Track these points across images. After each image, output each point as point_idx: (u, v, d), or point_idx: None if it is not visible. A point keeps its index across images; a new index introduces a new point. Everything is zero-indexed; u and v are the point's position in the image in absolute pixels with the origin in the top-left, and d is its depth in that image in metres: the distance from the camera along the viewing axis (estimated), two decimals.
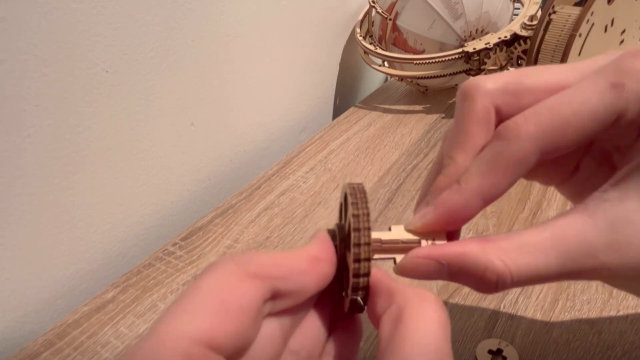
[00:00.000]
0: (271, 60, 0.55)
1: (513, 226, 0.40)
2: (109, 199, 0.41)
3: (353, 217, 0.17)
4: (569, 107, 0.16)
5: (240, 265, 0.15)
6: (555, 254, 0.16)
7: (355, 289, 0.17)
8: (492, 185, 0.17)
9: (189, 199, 0.50)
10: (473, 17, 0.56)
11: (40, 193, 0.35)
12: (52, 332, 0.34)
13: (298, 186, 0.48)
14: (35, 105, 0.33)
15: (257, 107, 0.56)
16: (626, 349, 0.29)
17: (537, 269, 0.16)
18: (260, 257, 0.16)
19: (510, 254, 0.16)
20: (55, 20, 0.33)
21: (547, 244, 0.16)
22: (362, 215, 0.17)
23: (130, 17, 0.38)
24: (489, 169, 0.17)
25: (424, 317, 0.15)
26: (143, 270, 0.38)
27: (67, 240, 0.38)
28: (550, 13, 0.47)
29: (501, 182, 0.17)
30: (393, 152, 0.53)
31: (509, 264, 0.16)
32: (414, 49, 0.59)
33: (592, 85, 0.16)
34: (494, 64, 0.55)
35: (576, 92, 0.16)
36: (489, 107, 0.18)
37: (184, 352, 0.13)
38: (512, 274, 0.16)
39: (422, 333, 0.14)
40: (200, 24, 0.44)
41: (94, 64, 0.36)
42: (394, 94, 0.67)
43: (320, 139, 0.56)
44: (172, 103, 0.44)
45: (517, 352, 0.29)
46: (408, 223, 0.19)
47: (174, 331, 0.14)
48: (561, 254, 0.16)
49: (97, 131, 0.38)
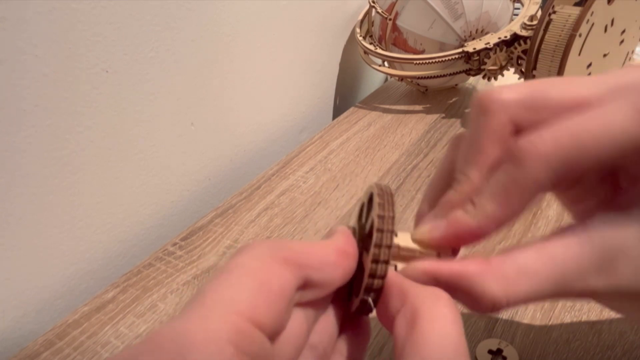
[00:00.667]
0: (271, 60, 0.55)
1: (513, 226, 0.40)
2: (109, 199, 0.41)
3: (378, 218, 0.17)
4: (590, 134, 0.15)
5: (275, 250, 0.15)
6: (551, 280, 0.16)
7: (369, 289, 0.17)
8: (507, 211, 0.17)
9: (189, 199, 0.50)
10: (473, 17, 0.56)
11: (40, 193, 0.35)
12: (52, 332, 0.34)
13: (298, 186, 0.48)
14: (35, 105, 0.33)
15: (257, 107, 0.56)
16: (626, 349, 0.29)
17: (534, 294, 0.16)
18: (293, 244, 0.16)
19: (509, 281, 0.16)
20: (55, 20, 0.33)
21: (545, 270, 0.16)
22: (387, 217, 0.17)
23: (130, 17, 0.38)
24: (504, 194, 0.17)
25: (439, 316, 0.15)
26: (143, 270, 0.38)
27: (67, 240, 0.38)
28: (550, 13, 0.47)
29: (516, 208, 0.17)
30: (393, 152, 0.53)
31: (507, 291, 0.16)
32: (414, 49, 0.59)
33: (617, 109, 0.16)
34: (494, 64, 0.55)
35: (599, 116, 0.16)
36: (506, 122, 0.17)
37: (232, 322, 0.13)
38: (508, 299, 0.16)
39: (440, 333, 0.14)
40: (200, 24, 0.44)
41: (94, 64, 0.36)
42: (394, 94, 0.67)
43: (320, 139, 0.56)
44: (172, 103, 0.44)
45: (517, 352, 0.29)
46: (416, 232, 0.19)
47: (223, 302, 0.14)
48: (557, 280, 0.16)
49: (97, 131, 0.38)
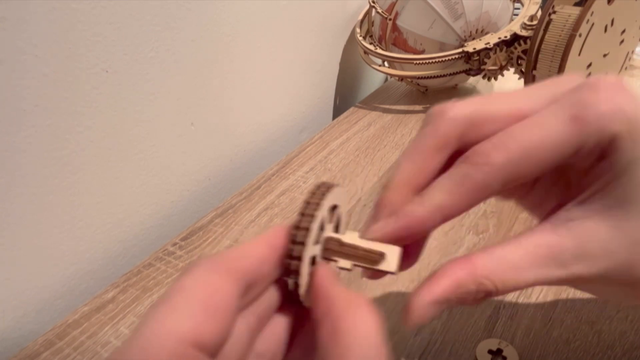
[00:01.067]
0: (271, 60, 0.55)
1: (513, 226, 0.40)
2: (109, 199, 0.41)
3: (304, 203, 0.17)
4: (533, 140, 0.17)
5: (216, 263, 0.16)
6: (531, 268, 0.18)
7: (288, 271, 0.17)
8: (453, 204, 0.18)
9: (189, 199, 0.50)
10: (473, 17, 0.56)
11: (40, 193, 0.35)
12: (52, 332, 0.34)
13: (298, 186, 0.48)
14: (35, 105, 0.33)
15: (257, 107, 0.56)
16: (626, 349, 0.29)
17: (517, 282, 0.18)
18: (230, 252, 0.17)
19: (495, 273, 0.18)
20: (55, 20, 0.33)
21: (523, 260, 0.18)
22: (312, 204, 0.17)
23: (130, 17, 0.38)
24: (454, 188, 0.18)
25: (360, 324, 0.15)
26: (143, 270, 0.38)
27: (67, 240, 0.38)
28: (550, 13, 0.47)
29: (462, 203, 0.18)
30: (393, 152, 0.53)
31: (495, 282, 0.18)
32: (414, 49, 0.59)
33: (554, 118, 0.17)
34: (494, 64, 0.55)
35: (539, 124, 0.17)
36: (451, 134, 0.19)
37: (172, 351, 0.13)
38: (497, 288, 0.18)
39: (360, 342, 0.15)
40: (200, 24, 0.44)
41: (94, 64, 0.36)
42: (394, 94, 0.67)
43: (320, 139, 0.56)
44: (172, 103, 0.44)
45: (517, 352, 0.29)
46: (365, 232, 0.19)
47: (162, 330, 0.14)
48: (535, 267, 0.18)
49: (97, 131, 0.38)
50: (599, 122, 0.17)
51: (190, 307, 0.14)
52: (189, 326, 0.14)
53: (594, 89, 0.17)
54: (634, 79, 0.67)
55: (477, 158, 0.18)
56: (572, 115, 0.17)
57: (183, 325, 0.14)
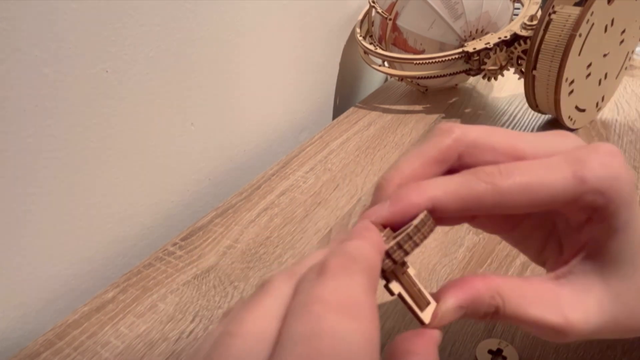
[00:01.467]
0: (271, 60, 0.56)
1: None
2: (109, 199, 0.41)
3: (414, 227, 0.18)
4: (537, 178, 0.19)
5: (354, 262, 0.18)
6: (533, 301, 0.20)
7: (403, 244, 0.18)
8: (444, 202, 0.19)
9: (189, 199, 0.50)
10: (473, 17, 0.56)
11: (40, 193, 0.35)
12: (52, 332, 0.34)
13: (298, 186, 0.48)
14: (35, 105, 0.33)
15: (257, 107, 0.56)
16: (626, 349, 0.29)
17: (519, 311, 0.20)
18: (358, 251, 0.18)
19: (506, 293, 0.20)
20: (55, 20, 0.33)
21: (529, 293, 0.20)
22: (421, 234, 0.18)
23: (130, 17, 0.38)
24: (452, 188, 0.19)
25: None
26: (143, 270, 0.38)
27: (67, 240, 0.38)
28: (550, 13, 0.47)
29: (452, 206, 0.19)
30: (393, 152, 0.53)
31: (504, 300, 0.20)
32: (414, 49, 0.59)
33: (558, 167, 0.19)
34: (494, 64, 0.55)
35: (545, 167, 0.19)
36: (455, 150, 0.21)
37: None
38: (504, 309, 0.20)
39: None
40: (200, 24, 0.44)
41: (94, 64, 0.36)
42: (394, 94, 0.67)
43: (320, 139, 0.56)
44: (172, 103, 0.44)
45: (517, 352, 0.29)
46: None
47: None
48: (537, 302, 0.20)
49: (97, 131, 0.38)
50: (597, 184, 0.18)
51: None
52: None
53: (594, 153, 0.19)
54: (634, 79, 0.67)
55: (483, 175, 0.19)
56: (574, 170, 0.19)
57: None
